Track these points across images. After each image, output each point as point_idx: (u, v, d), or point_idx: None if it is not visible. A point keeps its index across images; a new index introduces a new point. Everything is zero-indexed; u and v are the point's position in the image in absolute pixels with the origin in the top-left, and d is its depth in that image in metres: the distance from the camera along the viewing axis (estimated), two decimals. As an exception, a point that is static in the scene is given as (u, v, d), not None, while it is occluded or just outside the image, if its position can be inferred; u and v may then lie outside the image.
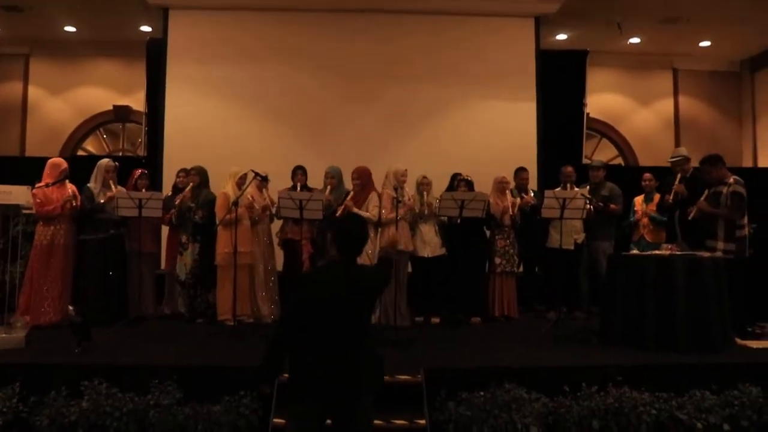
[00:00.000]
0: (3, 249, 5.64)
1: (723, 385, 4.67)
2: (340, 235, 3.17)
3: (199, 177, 6.76)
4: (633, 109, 10.75)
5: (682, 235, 6.43)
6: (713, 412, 4.45)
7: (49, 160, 6.51)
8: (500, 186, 7.04)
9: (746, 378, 4.71)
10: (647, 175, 7.11)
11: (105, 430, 4.21)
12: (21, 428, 4.31)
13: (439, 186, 6.87)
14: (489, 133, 8.43)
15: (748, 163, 10.50)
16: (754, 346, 5.58)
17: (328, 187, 6.64)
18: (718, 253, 5.82)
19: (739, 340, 5.68)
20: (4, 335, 5.25)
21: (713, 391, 4.61)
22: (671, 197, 6.49)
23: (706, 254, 5.66)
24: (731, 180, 6.02)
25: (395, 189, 6.22)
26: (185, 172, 6.98)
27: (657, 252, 5.84)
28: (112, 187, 6.45)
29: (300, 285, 3.18)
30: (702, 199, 6.12)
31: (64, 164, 6.42)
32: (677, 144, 10.32)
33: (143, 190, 6.62)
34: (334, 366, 2.93)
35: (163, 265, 7.10)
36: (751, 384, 4.66)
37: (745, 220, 6.06)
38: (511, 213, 6.91)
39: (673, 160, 6.77)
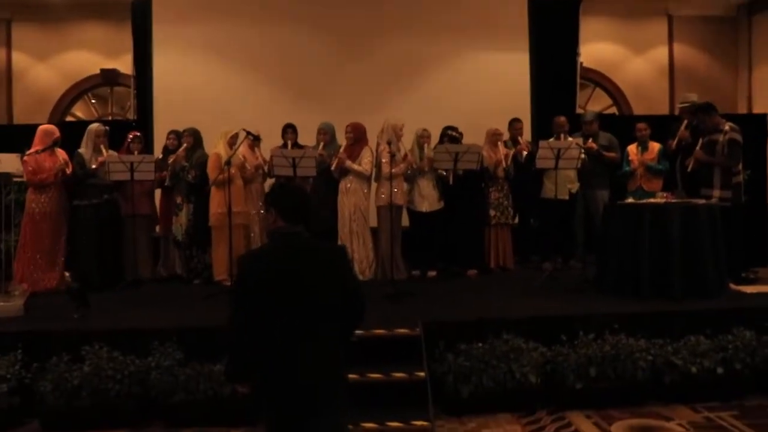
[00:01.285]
0: (-4, 218, 5.64)
1: (717, 329, 4.73)
2: (284, 196, 2.64)
3: (192, 138, 6.71)
4: (627, 58, 10.61)
5: (681, 183, 6.43)
6: (707, 356, 4.51)
7: (41, 127, 6.46)
8: (493, 138, 7.01)
9: (740, 322, 4.78)
10: (641, 125, 7.06)
11: (108, 393, 4.25)
12: (25, 394, 4.34)
13: (436, 140, 6.86)
14: (482, 84, 8.31)
15: (743, 109, 10.42)
16: (748, 291, 5.64)
17: (321, 143, 6.60)
18: (715, 201, 5.82)
19: (733, 286, 5.73)
20: (2, 303, 5.27)
21: (707, 336, 4.67)
22: (674, 143, 6.44)
23: (702, 201, 5.67)
24: (727, 127, 5.99)
25: (389, 143, 6.18)
26: (176, 134, 6.91)
27: (652, 200, 5.84)
28: (103, 151, 6.39)
29: (243, 268, 2.54)
30: (698, 148, 6.10)
31: (57, 132, 6.35)
32: (672, 92, 10.23)
33: (136, 152, 6.56)
34: (292, 380, 2.42)
35: (157, 228, 7.08)
36: (744, 328, 4.72)
37: (740, 166, 6.05)
38: (504, 165, 6.90)
39: (682, 105, 6.71)
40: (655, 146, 6.90)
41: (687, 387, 4.47)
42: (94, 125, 6.59)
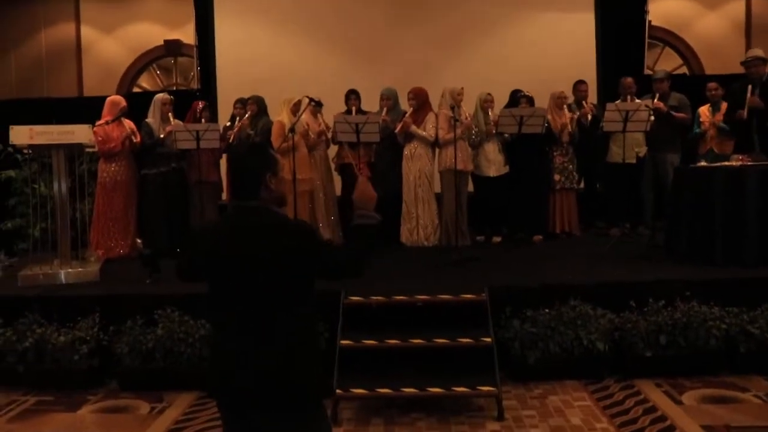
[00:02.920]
0: (71, 188, 5.86)
1: (798, 298, 4.53)
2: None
3: (256, 106, 6.74)
4: (699, 14, 10.10)
5: (760, 145, 6.12)
6: (787, 326, 4.34)
7: (108, 98, 6.65)
8: (558, 101, 6.84)
9: (823, 290, 4.56)
10: (712, 84, 6.77)
11: (180, 356, 4.41)
12: (104, 355, 4.56)
13: (498, 104, 6.74)
14: (546, 46, 8.09)
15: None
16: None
17: (384, 108, 6.57)
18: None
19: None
20: (80, 269, 5.50)
21: (787, 305, 4.48)
22: (745, 113, 6.09)
23: (781, 163, 5.40)
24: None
25: (452, 108, 6.11)
26: (242, 103, 6.97)
27: (726, 163, 5.60)
28: (171, 120, 6.53)
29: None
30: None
31: (123, 102, 6.55)
32: (748, 50, 9.71)
33: (204, 121, 6.65)
34: (236, 364, 2.14)
35: (224, 196, 7.22)
36: (828, 296, 4.51)
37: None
38: (569, 129, 6.74)
39: (746, 61, 6.38)
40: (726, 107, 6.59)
41: (764, 357, 4.31)
42: (160, 95, 6.73)
